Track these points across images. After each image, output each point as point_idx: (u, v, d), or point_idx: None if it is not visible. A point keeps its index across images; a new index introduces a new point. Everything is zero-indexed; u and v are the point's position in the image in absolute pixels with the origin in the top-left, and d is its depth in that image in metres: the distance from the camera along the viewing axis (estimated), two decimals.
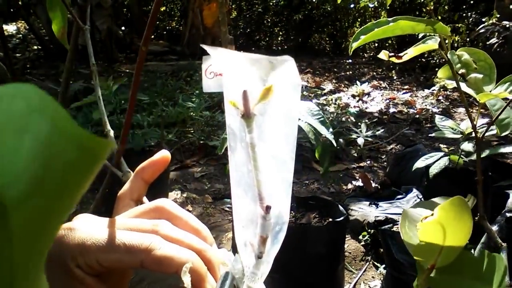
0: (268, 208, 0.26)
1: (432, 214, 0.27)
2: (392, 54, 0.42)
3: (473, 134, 1.62)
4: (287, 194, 0.27)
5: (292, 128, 0.27)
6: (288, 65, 0.26)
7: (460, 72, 0.42)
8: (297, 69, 0.27)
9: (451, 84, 0.45)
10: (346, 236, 1.70)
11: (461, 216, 0.27)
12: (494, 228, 1.33)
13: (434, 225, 0.27)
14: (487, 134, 0.61)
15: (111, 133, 0.49)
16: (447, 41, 0.46)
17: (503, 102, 0.58)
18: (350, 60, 6.52)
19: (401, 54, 0.41)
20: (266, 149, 0.27)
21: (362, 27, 0.40)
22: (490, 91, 0.45)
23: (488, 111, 0.59)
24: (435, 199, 0.38)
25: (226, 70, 0.27)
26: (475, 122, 0.55)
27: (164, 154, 0.34)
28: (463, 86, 0.47)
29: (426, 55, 5.42)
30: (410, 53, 0.42)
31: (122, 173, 0.43)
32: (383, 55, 0.42)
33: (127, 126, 0.35)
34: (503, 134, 0.58)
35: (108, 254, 0.27)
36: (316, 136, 0.92)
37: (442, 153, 1.67)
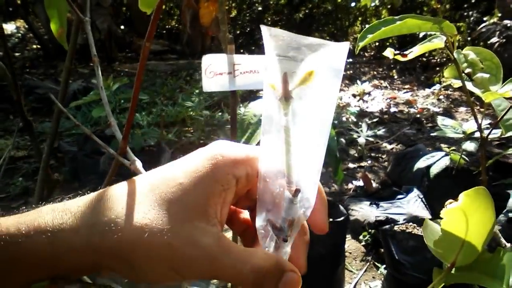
0: (297, 192, 0.27)
1: (457, 200, 0.27)
2: (398, 52, 0.41)
3: (476, 134, 1.61)
4: (315, 180, 0.28)
5: (328, 114, 0.27)
6: (338, 49, 0.26)
7: (466, 71, 0.41)
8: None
9: (457, 83, 0.44)
10: (347, 236, 1.69)
11: (485, 207, 0.27)
12: (496, 228, 1.33)
13: (457, 213, 0.26)
14: (490, 135, 0.61)
15: (114, 122, 0.49)
16: (452, 40, 0.45)
17: (508, 102, 0.58)
18: (350, 60, 6.51)
19: (406, 52, 0.40)
20: (299, 134, 0.27)
21: (369, 26, 0.40)
22: (497, 91, 0.45)
23: (490, 111, 0.58)
24: None
25: (269, 51, 0.27)
26: (479, 122, 0.54)
27: None
28: (469, 86, 0.46)
29: (427, 55, 5.41)
30: (416, 51, 0.41)
31: (130, 161, 0.43)
32: (389, 52, 0.41)
33: (132, 113, 0.34)
34: (508, 134, 0.58)
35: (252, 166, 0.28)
36: None
37: (443, 153, 1.66)
